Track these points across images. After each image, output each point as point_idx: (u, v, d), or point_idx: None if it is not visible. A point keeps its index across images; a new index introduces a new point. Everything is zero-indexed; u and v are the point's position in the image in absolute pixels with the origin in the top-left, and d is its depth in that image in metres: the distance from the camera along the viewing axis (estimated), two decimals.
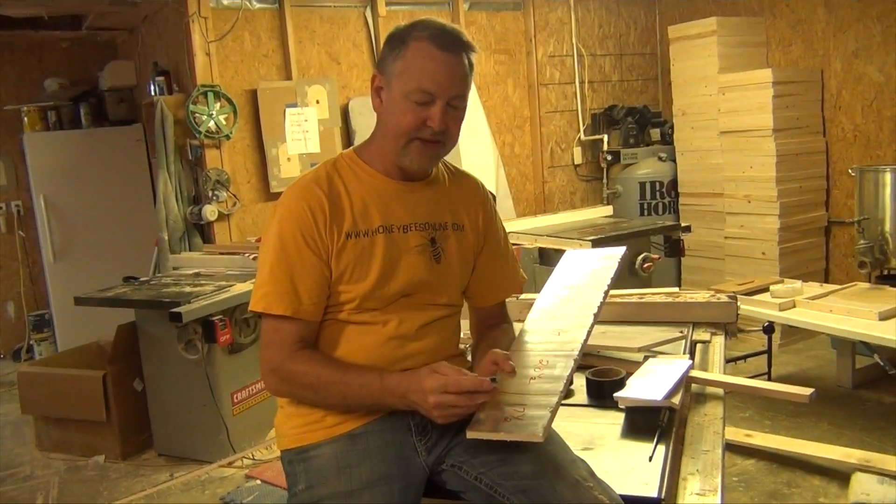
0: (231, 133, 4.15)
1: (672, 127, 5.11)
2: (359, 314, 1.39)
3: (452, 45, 1.35)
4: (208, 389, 3.32)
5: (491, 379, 1.23)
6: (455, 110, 1.38)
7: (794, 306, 3.33)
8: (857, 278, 3.91)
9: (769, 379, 3.61)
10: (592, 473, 1.26)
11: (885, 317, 3.04)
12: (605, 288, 1.36)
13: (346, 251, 1.37)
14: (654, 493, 1.24)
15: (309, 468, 1.34)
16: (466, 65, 1.37)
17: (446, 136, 1.39)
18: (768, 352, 3.81)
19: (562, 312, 1.51)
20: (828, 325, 3.15)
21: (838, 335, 3.26)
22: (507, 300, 1.64)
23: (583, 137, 5.40)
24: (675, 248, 4.14)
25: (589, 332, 1.31)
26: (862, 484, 2.64)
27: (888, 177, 3.58)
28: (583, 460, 1.29)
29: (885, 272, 3.77)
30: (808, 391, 1.53)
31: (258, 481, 3.18)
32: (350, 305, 1.39)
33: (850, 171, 3.91)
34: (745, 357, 3.86)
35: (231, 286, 3.34)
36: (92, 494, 3.21)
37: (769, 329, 2.68)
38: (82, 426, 3.57)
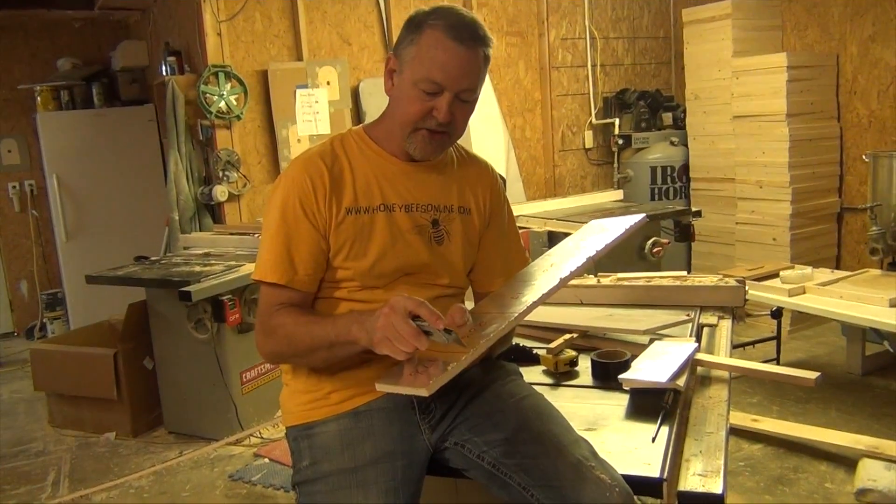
0: (242, 114, 4.15)
1: (684, 111, 5.07)
2: (360, 292, 1.40)
3: (467, 37, 1.33)
4: (217, 368, 3.35)
5: (445, 330, 1.14)
6: (463, 103, 1.37)
7: (804, 292, 3.31)
8: (868, 266, 3.88)
9: (778, 365, 3.60)
10: (595, 453, 1.26)
11: None
12: (591, 253, 1.32)
13: (346, 226, 1.37)
14: (656, 474, 1.24)
15: (313, 444, 1.35)
16: (481, 58, 1.36)
17: (452, 128, 1.39)
18: (777, 337, 3.81)
19: (536, 276, 1.44)
20: (838, 311, 3.13)
21: (848, 321, 3.24)
22: None
23: (594, 121, 5.37)
24: (685, 233, 4.13)
25: (543, 297, 1.23)
26: (869, 470, 2.64)
27: None
28: (586, 440, 1.29)
29: None
30: (813, 375, 1.52)
31: (266, 459, 3.22)
32: (351, 283, 1.39)
33: (864, 156, 3.87)
34: (753, 343, 3.85)
35: (240, 266, 3.36)
36: (103, 470, 3.25)
37: (777, 314, 2.67)
38: (94, 403, 3.61)
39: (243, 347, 3.44)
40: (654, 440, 1.35)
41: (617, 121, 5.28)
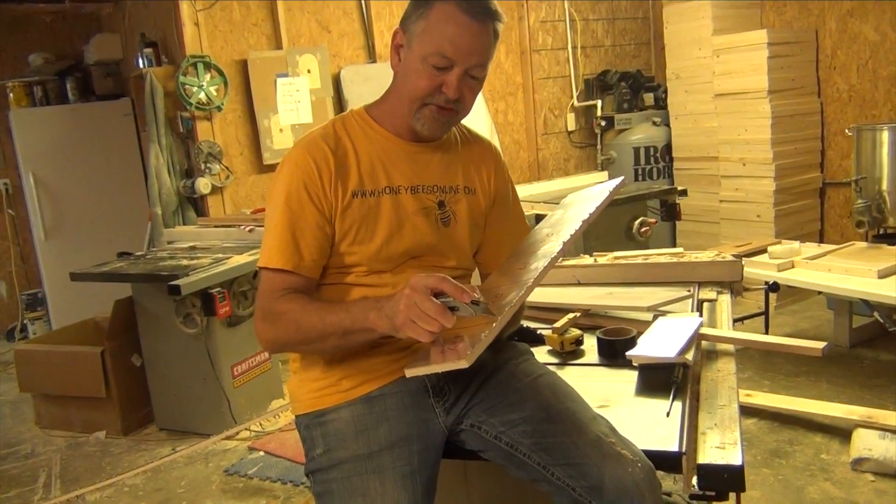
0: (222, 104, 4.09)
1: (666, 91, 5.08)
2: (367, 276, 1.37)
3: (480, 12, 1.30)
4: (208, 362, 3.31)
5: (472, 302, 1.10)
6: (473, 80, 1.34)
7: (793, 266, 3.34)
8: (851, 239, 3.92)
9: None
10: (614, 429, 1.25)
11: (884, 274, 3.05)
12: (585, 216, 1.31)
13: (352, 210, 1.35)
14: (674, 448, 1.23)
15: (326, 432, 1.32)
16: (491, 33, 1.33)
17: (460, 105, 1.36)
18: (766, 313, 3.83)
19: (538, 246, 1.41)
20: (827, 284, 3.15)
21: (838, 294, 3.27)
22: None
23: (576, 104, 5.36)
24: (671, 212, 4.14)
25: (553, 261, 1.20)
26: (863, 439, 2.66)
27: (885, 135, 3.57)
28: (603, 417, 1.28)
29: (882, 231, 3.78)
30: (820, 344, 1.53)
31: (262, 452, 3.19)
32: (359, 268, 1.37)
33: (847, 130, 3.90)
34: (742, 319, 3.87)
35: (228, 258, 3.31)
36: (95, 470, 3.20)
37: (774, 287, 2.69)
38: (82, 403, 3.55)
39: (234, 341, 3.41)
40: (668, 415, 1.35)
41: (599, 102, 5.28)
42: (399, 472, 1.25)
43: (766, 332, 3.79)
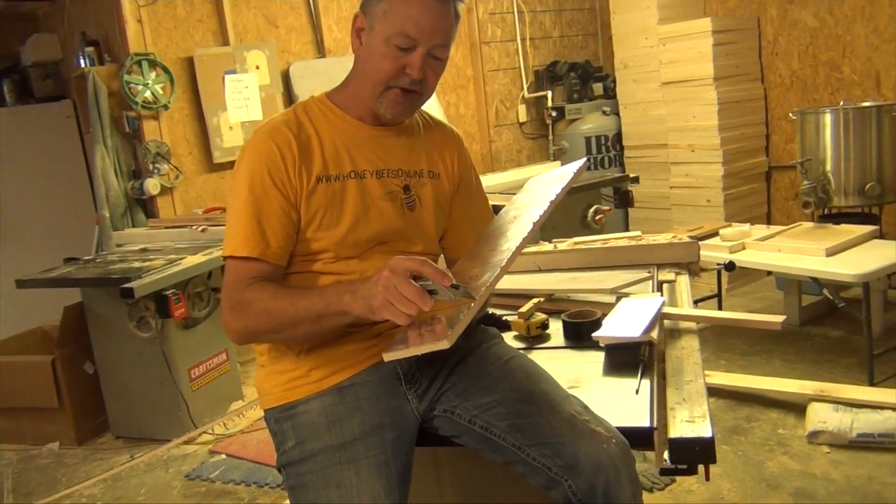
0: (169, 103, 4.00)
1: (614, 81, 5.14)
2: (335, 263, 1.35)
3: None
4: (164, 367, 3.24)
5: (452, 286, 1.10)
6: (436, 61, 1.34)
7: (744, 248, 3.41)
8: (797, 220, 4.02)
9: None
10: (587, 407, 1.26)
11: (831, 252, 3.13)
12: (552, 198, 1.30)
13: (317, 196, 1.33)
14: (646, 423, 1.25)
15: (297, 424, 1.30)
16: (453, 14, 1.33)
17: (424, 87, 1.35)
18: (718, 294, 3.92)
19: (506, 228, 1.41)
20: (778, 264, 3.23)
21: (788, 273, 3.35)
22: None
23: (527, 95, 5.39)
24: (624, 199, 4.19)
25: (524, 241, 1.21)
26: (818, 413, 2.74)
27: (828, 118, 3.67)
28: (575, 396, 1.29)
29: (827, 211, 3.89)
30: (779, 318, 1.56)
31: (223, 455, 3.14)
32: (325, 255, 1.35)
33: (790, 114, 3.99)
34: (696, 301, 3.93)
35: (182, 259, 3.24)
36: (50, 482, 3.11)
37: (730, 266, 2.74)
38: (33, 414, 3.45)
39: (191, 343, 3.34)
40: (637, 392, 1.36)
41: (549, 93, 5.32)
42: (373, 461, 1.24)
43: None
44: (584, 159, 1.49)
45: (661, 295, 1.84)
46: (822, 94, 4.45)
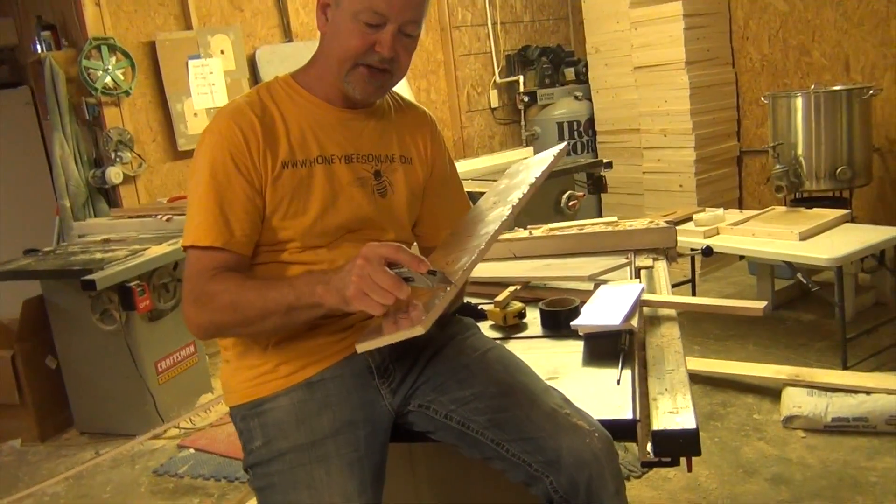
0: (130, 89, 3.88)
1: (586, 65, 5.09)
2: (302, 253, 1.28)
3: None
4: (130, 360, 3.15)
5: (429, 272, 1.04)
6: (407, 38, 1.26)
7: (718, 233, 3.39)
8: (769, 205, 4.02)
9: None
10: (567, 400, 1.21)
11: (805, 236, 3.13)
12: (531, 181, 1.25)
13: (283, 182, 1.25)
14: (628, 415, 1.21)
15: (265, 422, 1.24)
16: None
17: (395, 66, 1.28)
18: (692, 280, 3.91)
19: (485, 215, 1.35)
20: (752, 248, 3.22)
21: (762, 258, 3.34)
22: None
23: (498, 80, 5.33)
24: (598, 185, 4.16)
25: (503, 224, 1.16)
26: (793, 397, 2.74)
27: (799, 102, 3.66)
28: (555, 388, 1.24)
29: (799, 195, 3.89)
30: (761, 304, 1.53)
31: (192, 450, 3.06)
32: (292, 244, 1.28)
33: (762, 98, 3.99)
34: (671, 287, 3.93)
35: (146, 249, 3.15)
36: (10, 480, 3.01)
37: (708, 251, 2.72)
38: None
39: (156, 335, 3.25)
40: (618, 383, 1.32)
41: (521, 78, 5.26)
42: (345, 460, 1.18)
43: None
44: (565, 143, 1.45)
45: (640, 281, 1.80)
46: (793, 79, 4.45)
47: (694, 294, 3.88)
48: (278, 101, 1.30)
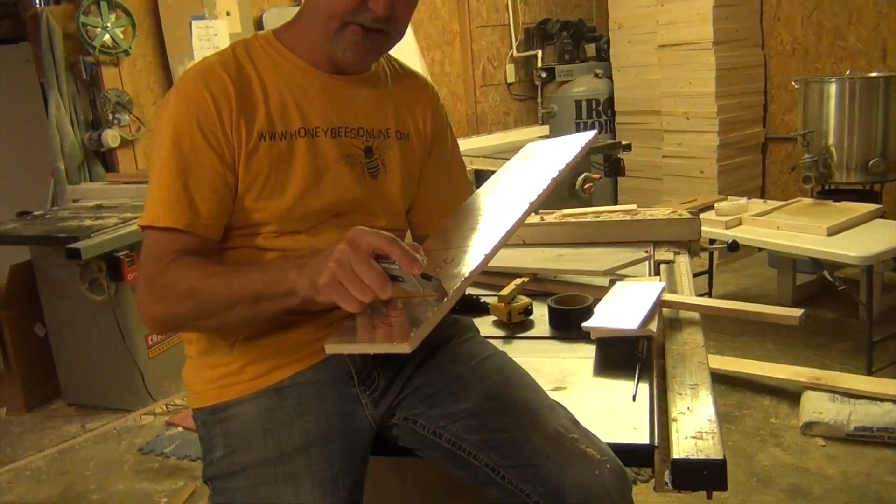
0: (130, 48, 3.71)
1: (608, 42, 4.88)
2: (279, 238, 1.11)
3: None
4: (118, 332, 3.02)
5: (423, 275, 0.88)
6: None
7: (741, 224, 3.22)
8: (792, 196, 3.83)
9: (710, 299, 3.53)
10: (575, 421, 1.05)
11: (833, 232, 2.95)
12: (555, 174, 1.11)
13: (258, 156, 1.08)
14: (645, 440, 1.05)
15: (227, 430, 1.08)
16: None
17: (391, 26, 1.10)
18: (710, 271, 3.74)
19: (493, 204, 1.22)
20: (777, 241, 3.04)
21: (787, 252, 3.16)
22: None
23: (516, 54, 5.12)
24: (615, 168, 3.98)
25: (516, 224, 1.02)
26: (813, 402, 2.58)
27: (833, 88, 3.47)
28: (562, 406, 1.08)
29: (827, 187, 3.70)
30: (797, 312, 1.36)
31: (180, 429, 2.95)
32: (268, 228, 1.11)
33: (793, 83, 3.78)
34: None
35: (137, 218, 2.99)
36: None
37: (734, 246, 2.54)
38: None
39: None
40: (634, 399, 1.16)
41: (539, 53, 5.05)
42: (318, 478, 1.03)
43: (710, 292, 3.70)
44: (595, 131, 1.27)
45: (661, 279, 1.64)
46: (825, 64, 4.24)
47: (711, 287, 3.71)
48: (256, 61, 1.12)
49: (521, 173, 1.21)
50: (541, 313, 1.53)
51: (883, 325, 3.13)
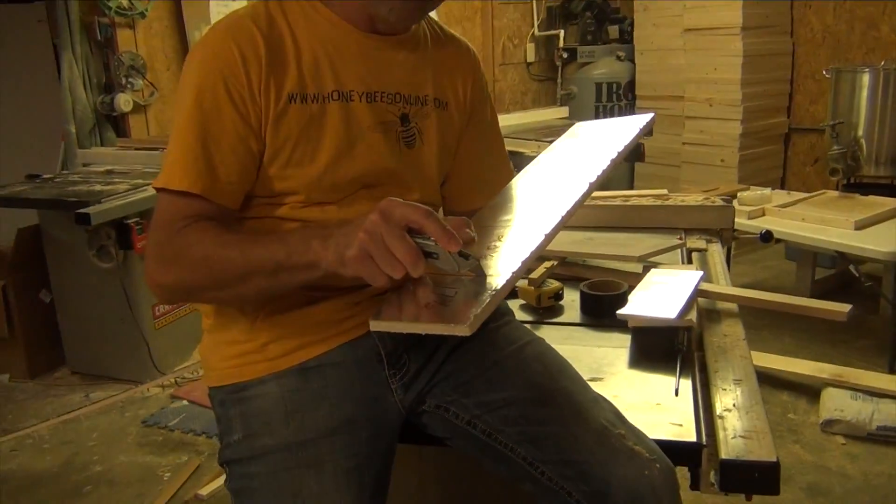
0: (146, 11, 3.63)
1: (632, 24, 4.77)
2: (305, 209, 1.04)
3: None
4: (125, 301, 2.96)
5: (460, 253, 0.81)
6: None
7: (764, 214, 3.14)
8: (813, 188, 3.75)
9: None
10: (620, 416, 0.98)
11: (860, 226, 2.87)
12: (614, 156, 1.04)
13: (288, 119, 1.00)
14: (692, 438, 0.98)
15: (247, 412, 1.02)
16: None
17: None
18: (727, 262, 3.66)
19: (548, 182, 1.15)
20: (802, 234, 2.96)
21: (814, 245, 3.08)
22: None
23: (537, 33, 5.01)
24: (635, 153, 3.88)
25: (576, 205, 0.97)
26: (835, 400, 2.52)
27: (866, 78, 3.37)
28: (605, 399, 1.01)
29: (853, 180, 3.61)
30: (845, 307, 1.30)
31: (185, 402, 2.90)
32: (294, 198, 1.03)
33: (824, 72, 3.68)
34: None
35: (148, 184, 2.94)
36: None
37: (767, 237, 2.47)
38: None
39: None
40: (676, 393, 1.10)
41: (561, 33, 4.94)
42: (343, 466, 0.96)
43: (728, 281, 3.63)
44: (652, 114, 1.20)
45: (697, 267, 1.57)
46: (856, 54, 4.13)
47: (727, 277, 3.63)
48: (290, 16, 1.04)
49: (574, 154, 1.14)
50: (571, 299, 1.46)
51: None
